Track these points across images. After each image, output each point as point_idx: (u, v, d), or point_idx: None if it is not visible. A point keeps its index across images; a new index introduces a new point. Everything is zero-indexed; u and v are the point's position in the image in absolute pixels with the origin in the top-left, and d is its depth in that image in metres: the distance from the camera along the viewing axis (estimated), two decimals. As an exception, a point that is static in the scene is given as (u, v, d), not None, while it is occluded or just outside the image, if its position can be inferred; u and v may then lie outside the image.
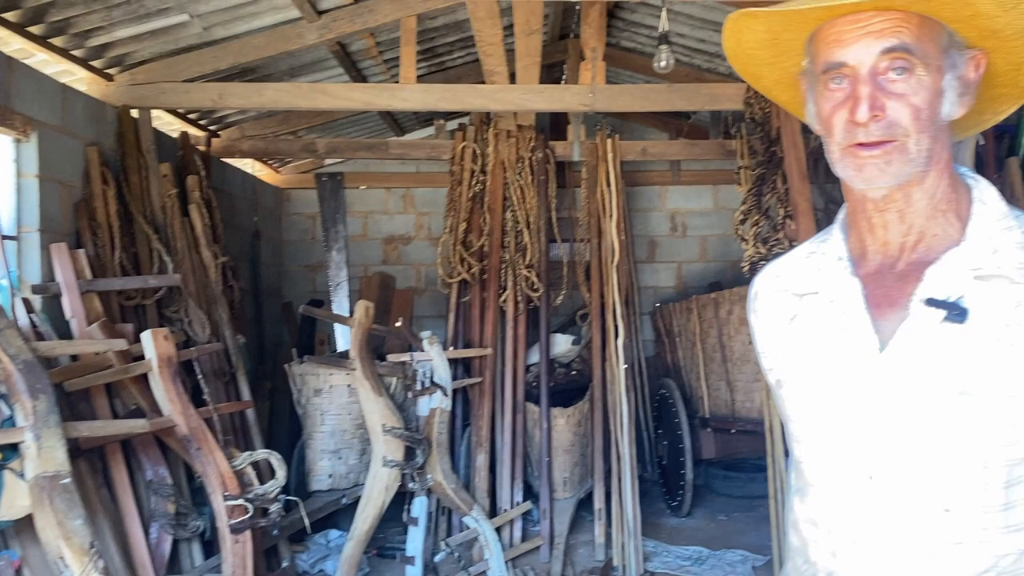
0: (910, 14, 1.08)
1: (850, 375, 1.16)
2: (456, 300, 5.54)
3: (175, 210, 4.48)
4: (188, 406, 3.70)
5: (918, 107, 1.09)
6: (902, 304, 1.14)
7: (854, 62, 1.10)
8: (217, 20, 4.22)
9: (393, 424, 4.60)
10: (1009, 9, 1.08)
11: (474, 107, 4.64)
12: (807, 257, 1.29)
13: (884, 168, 1.10)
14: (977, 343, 1.08)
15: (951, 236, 1.15)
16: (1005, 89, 1.21)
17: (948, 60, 1.12)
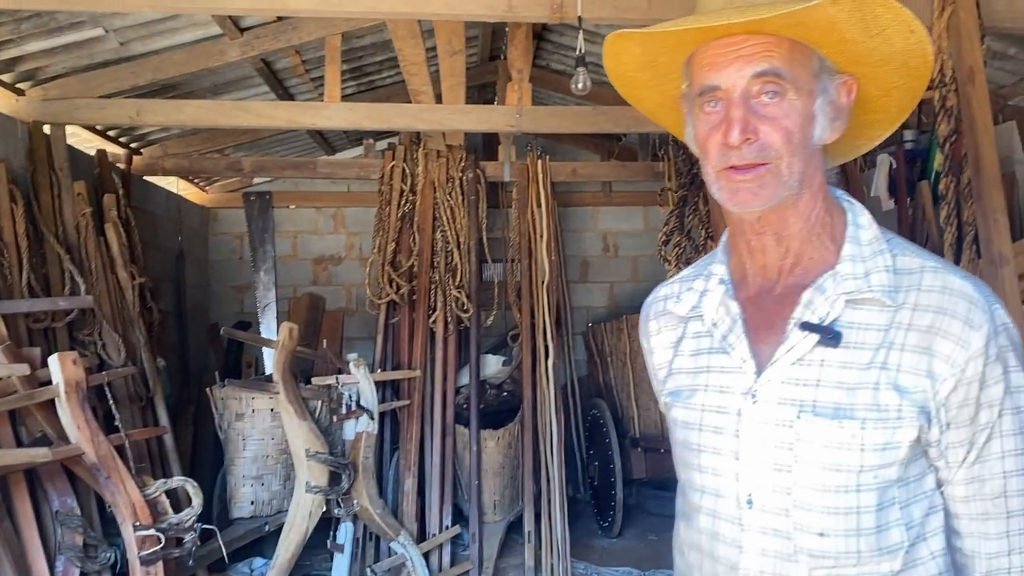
0: (781, 39, 1.09)
1: (729, 400, 1.16)
2: (385, 321, 5.47)
3: (90, 229, 4.33)
4: (97, 433, 3.55)
5: (790, 130, 1.09)
6: (779, 328, 1.14)
7: (727, 85, 1.10)
8: (134, 35, 4.11)
9: (317, 449, 4.50)
10: (874, 35, 1.11)
11: (400, 126, 4.60)
12: (693, 280, 1.30)
13: (757, 192, 1.10)
14: (850, 367, 1.09)
15: (826, 259, 1.16)
16: (877, 115, 1.23)
17: (819, 85, 1.13)
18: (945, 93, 2.79)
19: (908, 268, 1.13)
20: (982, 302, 1.09)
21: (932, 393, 1.08)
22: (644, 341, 1.37)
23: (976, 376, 1.07)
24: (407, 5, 2.82)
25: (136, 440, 4.06)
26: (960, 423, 1.10)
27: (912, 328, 1.09)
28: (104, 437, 3.57)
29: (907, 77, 1.17)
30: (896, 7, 1.08)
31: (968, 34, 2.72)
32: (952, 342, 1.07)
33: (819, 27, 1.08)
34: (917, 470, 1.12)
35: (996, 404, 1.09)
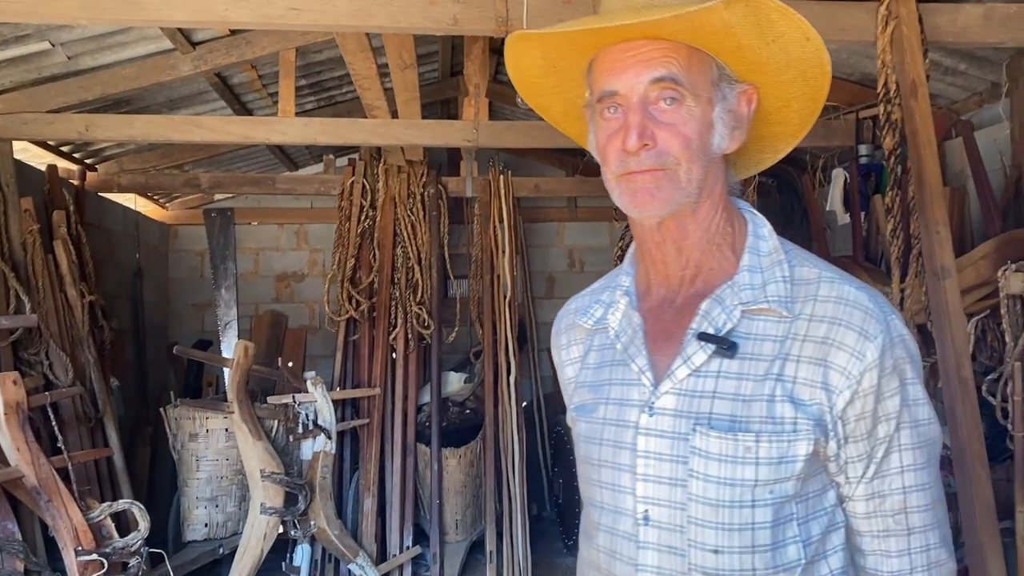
0: (679, 45, 1.08)
1: (628, 412, 1.14)
2: (344, 338, 5.40)
3: (37, 246, 4.24)
4: (38, 455, 3.46)
5: (688, 136, 1.08)
6: (678, 338, 1.13)
7: (625, 90, 1.09)
8: (83, 49, 4.04)
9: (272, 469, 4.42)
10: (770, 42, 1.09)
11: (355, 141, 4.56)
12: (602, 292, 1.28)
13: (655, 193, 1.09)
14: (746, 378, 1.07)
15: (726, 270, 1.15)
16: (779, 127, 1.22)
17: (718, 93, 1.12)
18: (890, 108, 2.79)
19: (805, 279, 1.12)
20: (877, 312, 1.08)
21: (829, 406, 1.05)
22: (555, 355, 1.35)
23: (872, 388, 1.06)
24: (350, 18, 2.78)
25: (83, 462, 3.96)
26: (858, 437, 1.08)
27: (808, 339, 1.07)
28: (46, 459, 3.48)
29: (805, 87, 1.15)
30: (791, 14, 1.06)
31: (911, 48, 2.72)
32: (847, 353, 1.05)
33: (715, 32, 1.07)
34: (817, 485, 1.09)
35: (893, 417, 1.08)
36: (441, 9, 2.82)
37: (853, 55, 4.25)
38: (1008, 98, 3.72)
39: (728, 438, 1.05)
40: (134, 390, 5.98)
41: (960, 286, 2.96)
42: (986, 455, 2.42)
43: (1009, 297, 2.75)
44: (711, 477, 1.06)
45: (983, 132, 4.15)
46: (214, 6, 2.76)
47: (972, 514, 2.35)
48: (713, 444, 1.06)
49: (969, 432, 2.39)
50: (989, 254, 2.98)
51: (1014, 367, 2.70)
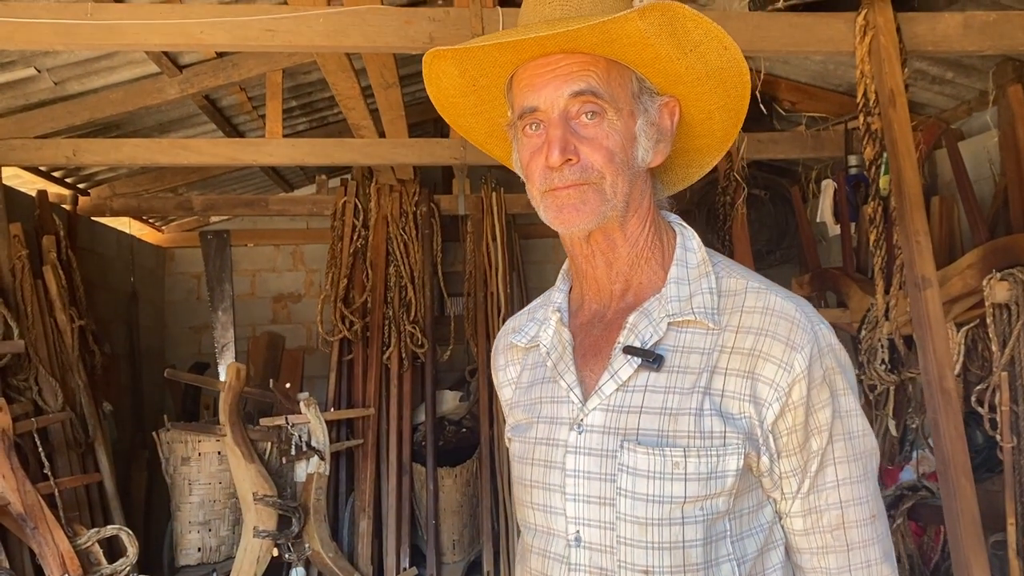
0: (597, 58, 1.07)
1: (558, 431, 1.11)
2: (338, 359, 5.38)
3: (26, 272, 4.24)
4: (24, 481, 3.44)
5: (611, 150, 1.07)
6: (606, 353, 1.11)
7: (545, 106, 1.07)
8: (69, 75, 4.06)
9: (265, 492, 4.39)
10: (688, 52, 1.07)
11: (343, 161, 4.56)
12: (538, 310, 1.26)
13: (580, 207, 1.07)
14: (673, 392, 1.05)
15: (655, 284, 1.13)
16: (704, 140, 1.20)
17: (639, 106, 1.10)
18: (870, 119, 2.77)
19: (732, 290, 1.10)
20: (804, 322, 1.05)
21: (759, 419, 1.03)
22: (494, 376, 1.33)
23: (801, 400, 1.03)
24: (325, 39, 2.78)
25: (71, 488, 3.94)
26: (790, 451, 1.05)
27: (735, 351, 1.05)
28: (32, 486, 3.47)
29: (726, 97, 1.13)
30: (706, 23, 1.04)
31: (889, 58, 2.71)
32: (775, 364, 1.03)
33: (632, 43, 1.05)
34: (751, 501, 1.06)
35: (825, 429, 1.05)
36: (416, 28, 2.82)
37: (840, 66, 4.24)
38: (995, 106, 3.70)
39: (655, 453, 1.02)
40: (130, 414, 5.97)
41: (948, 296, 2.94)
42: (970, 467, 2.38)
43: (994, 306, 2.72)
44: (639, 495, 1.03)
45: (972, 140, 4.13)
46: (190, 29, 2.76)
47: (957, 528, 2.31)
48: (641, 460, 1.03)
49: (953, 444, 2.35)
50: (975, 263, 2.95)
51: (1001, 377, 2.66)
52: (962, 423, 2.45)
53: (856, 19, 2.82)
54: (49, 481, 3.65)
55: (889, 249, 2.78)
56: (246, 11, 2.79)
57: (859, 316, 3.48)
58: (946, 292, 2.90)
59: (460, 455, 5.48)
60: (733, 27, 2.91)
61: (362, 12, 2.75)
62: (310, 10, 2.70)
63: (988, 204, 3.70)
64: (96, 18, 2.72)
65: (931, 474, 3.54)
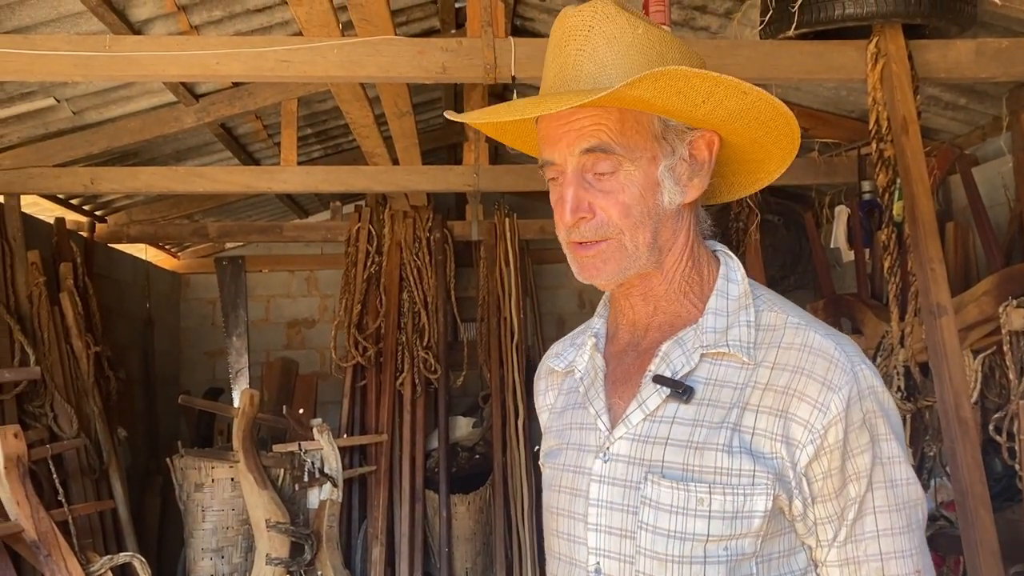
0: (609, 109, 1.04)
1: (585, 459, 1.10)
2: (351, 384, 5.39)
3: (43, 299, 4.28)
4: (38, 509, 3.45)
5: (627, 204, 1.05)
6: (635, 382, 1.09)
7: (560, 160, 1.07)
8: (88, 104, 4.12)
9: (278, 519, 4.38)
10: (699, 104, 1.04)
11: (357, 188, 4.60)
12: (578, 335, 1.25)
13: (601, 267, 1.07)
14: (701, 425, 1.02)
15: (692, 315, 1.11)
16: (761, 153, 1.15)
17: (665, 147, 1.07)
18: (882, 145, 2.77)
19: (771, 324, 1.07)
20: (844, 361, 1.01)
21: (791, 461, 0.99)
22: (535, 401, 1.32)
23: (838, 444, 0.99)
24: (340, 69, 2.81)
25: (85, 515, 3.95)
26: (825, 496, 1.01)
27: (769, 388, 1.02)
28: (45, 513, 3.47)
29: (767, 128, 1.08)
30: (713, 77, 0.99)
31: (901, 85, 2.71)
32: (809, 405, 0.99)
33: (638, 103, 1.03)
34: (783, 546, 1.02)
35: (864, 476, 1.01)
36: (430, 58, 2.84)
37: (853, 92, 4.24)
38: (1009, 132, 3.69)
39: (680, 488, 1.00)
40: (145, 440, 5.98)
41: (963, 323, 2.91)
42: (989, 497, 2.34)
43: (1011, 333, 2.69)
44: (660, 529, 1.00)
45: (987, 166, 4.11)
46: (206, 60, 2.80)
47: (976, 558, 2.28)
48: (664, 494, 1.00)
49: (970, 473, 2.33)
50: (991, 290, 2.93)
51: (1019, 405, 2.63)
52: (980, 452, 2.42)
53: (868, 47, 2.83)
54: (63, 508, 3.65)
55: (904, 276, 2.77)
56: (262, 42, 2.83)
57: (874, 343, 3.46)
58: (962, 319, 2.88)
59: (473, 482, 5.46)
60: (745, 55, 2.92)
61: (376, 43, 2.78)
62: (324, 41, 2.73)
63: (1003, 230, 3.68)
64: (114, 50, 2.76)
65: (949, 503, 3.49)
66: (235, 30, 3.77)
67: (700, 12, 3.85)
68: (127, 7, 3.33)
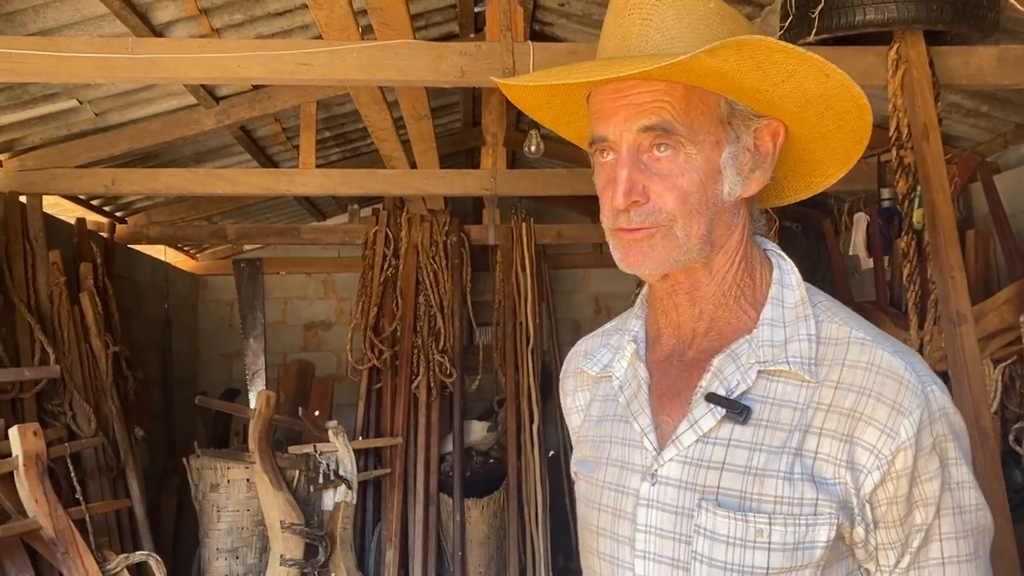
0: (675, 84, 0.96)
1: (629, 478, 1.03)
2: (367, 387, 5.40)
3: (63, 299, 4.32)
4: (56, 506, 3.48)
5: (685, 191, 0.97)
6: (685, 398, 1.02)
7: (614, 137, 0.98)
8: (110, 106, 4.16)
9: (292, 520, 4.40)
10: (780, 82, 0.96)
11: (375, 191, 4.61)
12: (611, 335, 1.17)
13: (648, 252, 0.98)
14: (760, 449, 0.95)
15: (744, 323, 1.03)
16: (823, 154, 1.09)
17: (730, 133, 1.00)
18: (902, 152, 2.75)
19: (834, 338, 0.99)
20: (914, 383, 0.94)
21: (855, 487, 0.93)
22: (562, 400, 1.24)
23: (906, 470, 0.93)
24: (359, 72, 2.83)
25: (102, 513, 3.98)
26: (890, 522, 0.96)
27: (833, 410, 0.95)
28: (63, 511, 3.50)
29: (840, 120, 1.02)
30: (799, 52, 0.93)
31: (921, 92, 2.69)
32: (877, 429, 0.93)
33: (711, 75, 0.95)
34: (841, 572, 0.97)
35: (932, 502, 0.95)
36: (448, 62, 2.85)
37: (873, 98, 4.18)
38: (1031, 139, 3.66)
39: (738, 518, 0.93)
40: (162, 440, 6.02)
41: (984, 332, 2.89)
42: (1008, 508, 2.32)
43: (1032, 343, 2.66)
44: (716, 562, 0.94)
45: (1009, 173, 4.08)
46: (226, 63, 2.82)
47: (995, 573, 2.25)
48: (720, 524, 0.94)
49: (990, 484, 2.30)
50: (1012, 299, 2.90)
51: (1040, 416, 2.61)
52: (999, 463, 2.40)
53: (888, 53, 2.81)
54: (80, 506, 3.68)
55: (923, 284, 2.74)
56: (281, 46, 2.85)
57: (893, 351, 3.43)
58: (982, 328, 2.86)
59: (487, 486, 5.46)
60: (764, 61, 2.91)
61: (395, 46, 2.79)
62: (344, 44, 2.74)
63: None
64: (136, 52, 2.79)
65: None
66: (256, 33, 3.80)
67: (719, 17, 3.83)
68: (150, 10, 3.37)
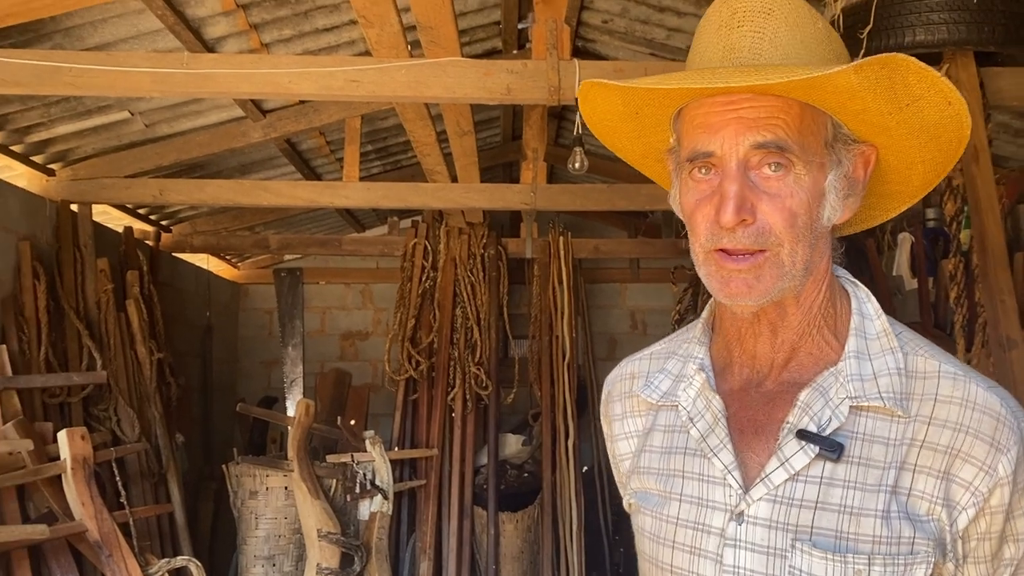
0: (790, 101, 0.94)
1: (709, 516, 1.00)
2: (404, 398, 5.44)
3: (110, 305, 4.41)
4: (101, 510, 3.54)
5: (794, 212, 0.94)
6: (770, 433, 0.99)
7: (722, 152, 0.94)
8: (160, 118, 4.25)
9: (329, 529, 4.44)
10: (904, 106, 0.95)
11: (416, 205, 4.66)
12: (666, 359, 1.13)
13: (753, 284, 0.95)
14: (854, 487, 0.94)
15: (827, 355, 1.00)
16: (897, 187, 1.08)
17: (833, 156, 0.97)
18: (951, 174, 2.72)
19: (922, 371, 0.97)
20: (1010, 419, 0.94)
21: (949, 523, 0.92)
22: (605, 425, 1.20)
23: (1001, 507, 0.92)
24: (407, 89, 2.87)
25: (144, 517, 4.05)
26: (979, 558, 0.95)
27: (927, 446, 0.93)
28: (108, 514, 3.56)
29: (936, 151, 1.01)
30: (933, 76, 0.92)
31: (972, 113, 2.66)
32: (975, 467, 0.92)
33: (838, 94, 0.93)
34: None
35: (1023, 538, 0.95)
36: (495, 80, 2.88)
37: (918, 118, 4.18)
38: (1082, 161, 3.60)
39: (836, 560, 0.91)
40: (200, 446, 6.10)
41: (1032, 356, 2.84)
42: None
43: (1084, 369, 2.62)
44: None
45: (1058, 195, 4.02)
46: (278, 79, 2.88)
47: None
48: (817, 565, 0.91)
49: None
50: (1062, 323, 2.85)
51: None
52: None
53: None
54: (124, 510, 3.74)
55: (971, 306, 2.71)
56: (332, 62, 2.90)
57: (937, 373, 3.39)
58: (1031, 352, 2.81)
59: (521, 500, 5.46)
60: (810, 80, 2.91)
61: (443, 64, 2.83)
62: (393, 62, 2.79)
63: (1075, 261, 3.59)
64: (191, 67, 2.86)
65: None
66: (303, 48, 3.87)
67: (764, 36, 3.83)
68: (202, 25, 3.44)
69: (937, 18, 2.60)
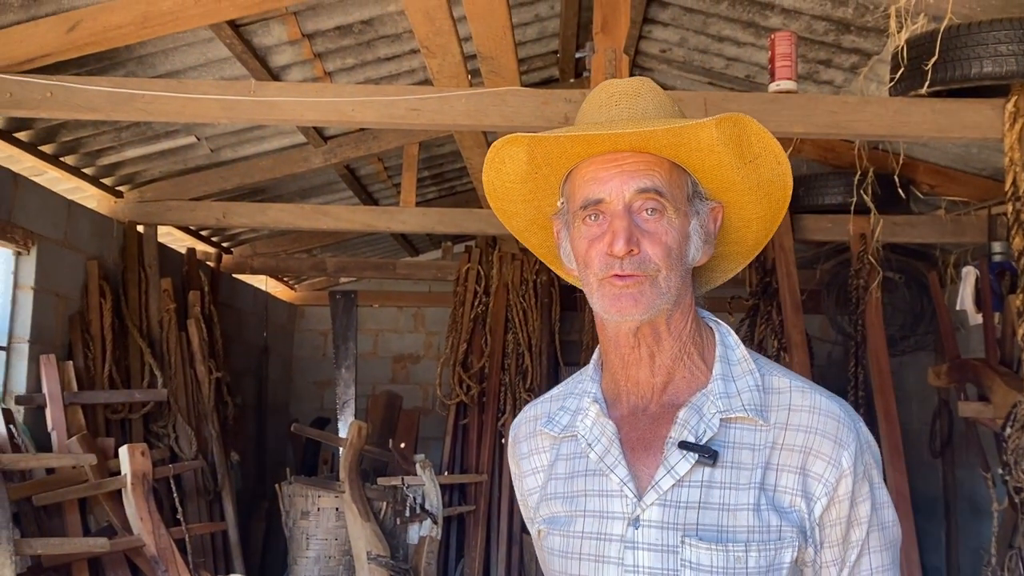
0: (661, 159, 1.13)
1: (610, 525, 1.13)
2: (454, 422, 5.46)
3: (172, 324, 4.52)
4: (159, 525, 3.62)
5: (669, 246, 1.12)
6: (657, 448, 1.14)
7: (610, 198, 1.12)
8: (225, 143, 4.37)
9: (378, 552, 4.45)
10: (747, 162, 1.14)
11: (470, 230, 4.70)
12: (564, 399, 1.28)
13: (638, 298, 1.11)
14: (729, 487, 1.10)
15: (698, 379, 1.17)
16: (733, 247, 1.26)
17: (692, 208, 1.16)
18: (1019, 207, 2.66)
19: (776, 387, 1.16)
20: (848, 420, 1.13)
21: (807, 512, 1.10)
22: (513, 465, 1.33)
23: (847, 494, 1.10)
24: (466, 118, 2.91)
25: (199, 534, 4.11)
26: (832, 542, 1.11)
27: (785, 447, 1.11)
28: (165, 530, 3.63)
29: (768, 207, 1.20)
30: (767, 137, 1.12)
31: (1040, 145, 2.61)
32: (824, 461, 1.10)
33: (700, 149, 1.12)
34: None
35: (864, 521, 1.12)
36: (553, 108, 2.91)
37: (984, 149, 4.10)
38: None
39: (718, 549, 1.07)
40: (253, 465, 6.19)
41: (1105, 397, 2.75)
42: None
43: None
44: None
45: None
46: (341, 107, 2.94)
47: None
48: (703, 556, 1.07)
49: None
50: None
51: None
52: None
53: (1006, 106, 2.74)
54: (180, 526, 3.81)
55: (1040, 344, 2.64)
56: (394, 91, 2.96)
57: (1003, 412, 3.29)
58: (1103, 393, 2.72)
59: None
60: (872, 112, 2.88)
61: (502, 93, 2.87)
62: (454, 91, 2.83)
63: None
64: (258, 95, 2.94)
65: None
66: (365, 77, 3.95)
67: (824, 66, 3.81)
68: (268, 53, 3.54)
69: (1006, 50, 2.55)
